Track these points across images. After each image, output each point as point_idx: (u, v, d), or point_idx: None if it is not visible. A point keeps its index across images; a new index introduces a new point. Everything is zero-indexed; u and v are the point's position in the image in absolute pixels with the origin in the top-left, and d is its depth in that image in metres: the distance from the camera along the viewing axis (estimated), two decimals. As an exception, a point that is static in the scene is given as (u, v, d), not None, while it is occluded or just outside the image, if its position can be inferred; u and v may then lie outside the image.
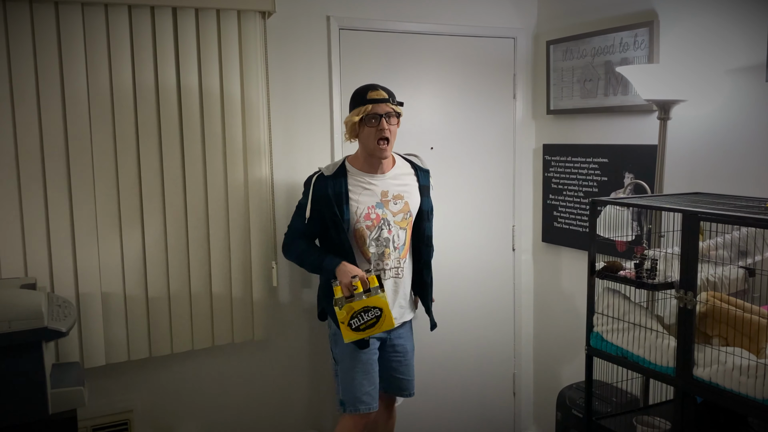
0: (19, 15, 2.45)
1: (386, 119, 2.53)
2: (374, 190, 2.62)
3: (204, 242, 2.81)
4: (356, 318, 2.43)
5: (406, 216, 2.67)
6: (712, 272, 2.20)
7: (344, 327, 2.44)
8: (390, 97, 2.56)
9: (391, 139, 2.56)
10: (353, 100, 2.59)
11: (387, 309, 2.45)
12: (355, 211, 2.58)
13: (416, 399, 3.42)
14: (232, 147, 2.82)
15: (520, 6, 3.49)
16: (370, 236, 2.60)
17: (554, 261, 3.55)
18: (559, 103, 3.36)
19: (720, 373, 1.94)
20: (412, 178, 2.73)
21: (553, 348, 3.61)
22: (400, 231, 2.65)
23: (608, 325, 2.32)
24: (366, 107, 2.51)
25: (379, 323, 2.44)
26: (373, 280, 2.46)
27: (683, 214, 2.04)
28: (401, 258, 2.68)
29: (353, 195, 2.59)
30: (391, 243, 2.63)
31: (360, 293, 2.44)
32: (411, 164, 2.76)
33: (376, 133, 2.53)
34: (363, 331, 2.45)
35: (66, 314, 2.27)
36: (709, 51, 2.61)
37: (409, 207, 2.67)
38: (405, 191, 2.67)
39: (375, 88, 2.57)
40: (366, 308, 2.43)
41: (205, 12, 2.72)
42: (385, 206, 2.62)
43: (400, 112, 2.59)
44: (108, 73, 2.60)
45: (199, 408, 3.00)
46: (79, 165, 2.58)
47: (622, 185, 3.01)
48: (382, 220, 2.61)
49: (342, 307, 2.43)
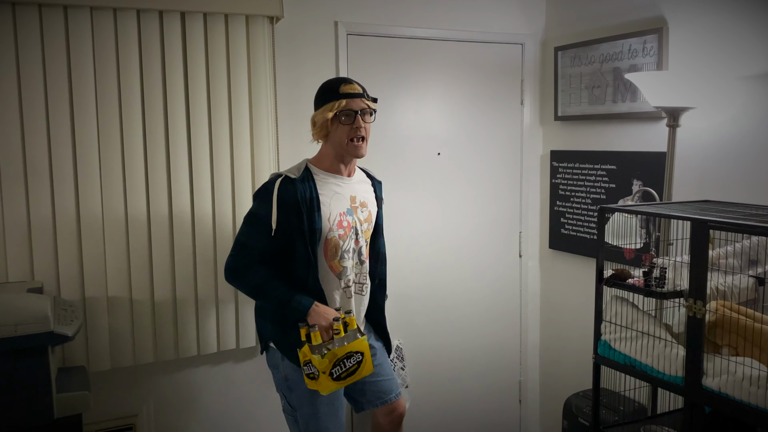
0: (29, 19, 2.45)
1: (362, 116, 2.27)
2: (343, 194, 2.34)
3: (210, 247, 2.80)
4: (338, 366, 2.13)
5: (370, 226, 2.43)
6: (722, 281, 2.18)
7: (324, 377, 2.12)
8: (364, 92, 2.31)
9: (366, 137, 2.31)
10: (322, 95, 2.32)
11: (368, 353, 2.20)
12: (328, 218, 2.27)
13: (421, 406, 3.41)
14: (239, 150, 2.82)
15: (528, 12, 3.49)
16: (342, 247, 2.30)
17: (561, 268, 3.53)
18: (566, 109, 3.35)
19: (730, 383, 1.92)
20: (371, 188, 2.50)
21: (559, 355, 3.59)
22: (365, 242, 2.40)
23: (616, 333, 2.30)
24: (340, 102, 2.24)
25: (360, 369, 2.18)
26: (352, 321, 2.22)
27: (692, 222, 2.02)
28: (366, 274, 2.41)
29: (324, 199, 2.28)
30: (357, 255, 2.36)
31: (341, 338, 2.17)
32: (366, 174, 2.53)
33: (350, 131, 2.26)
34: (344, 380, 2.16)
35: (72, 318, 2.27)
36: (719, 58, 2.59)
37: (372, 216, 2.44)
38: (368, 200, 2.44)
39: (348, 81, 2.30)
40: (349, 354, 2.15)
41: (213, 17, 2.72)
42: (354, 213, 2.36)
43: (375, 108, 2.34)
44: (116, 77, 2.60)
45: (203, 414, 2.99)
46: (86, 168, 2.58)
47: (630, 192, 3.00)
48: (352, 228, 2.34)
49: (324, 355, 2.13)
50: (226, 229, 2.82)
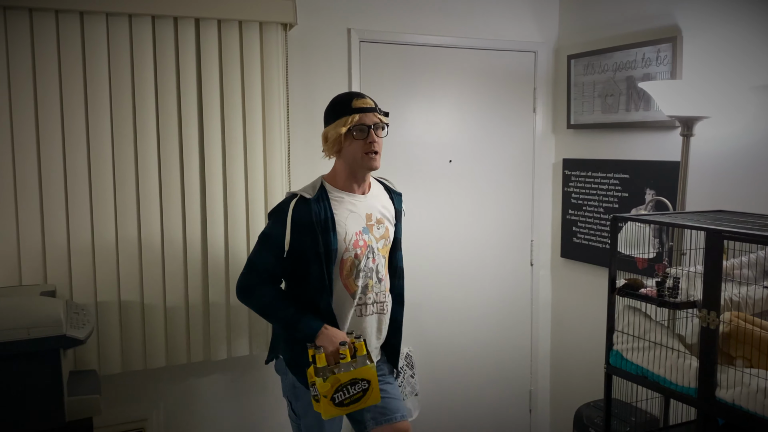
0: (46, 25, 2.48)
1: (374, 130, 2.23)
2: (359, 212, 2.29)
3: (222, 254, 2.81)
4: (341, 392, 2.08)
5: (387, 243, 2.36)
6: (736, 292, 2.16)
7: (325, 402, 2.08)
8: (376, 106, 2.27)
9: (379, 151, 2.26)
10: (333, 110, 2.27)
11: (375, 381, 2.11)
12: (344, 239, 2.23)
13: (431, 414, 3.39)
14: (252, 156, 2.82)
15: (541, 20, 3.48)
16: (358, 266, 2.25)
17: (573, 277, 3.51)
18: (579, 117, 3.34)
19: (744, 395, 1.90)
20: (390, 202, 2.42)
21: (570, 365, 3.57)
22: (382, 260, 2.35)
23: (628, 343, 2.29)
24: (353, 117, 2.20)
25: (365, 397, 2.10)
26: (361, 347, 2.14)
27: (707, 232, 2.00)
28: (386, 291, 2.35)
29: (339, 219, 2.24)
30: (375, 273, 2.30)
31: (347, 363, 2.10)
32: (384, 186, 2.46)
33: (363, 146, 2.22)
34: (347, 407, 2.09)
35: (84, 322, 2.28)
36: (734, 67, 2.58)
37: (389, 233, 2.37)
38: (385, 215, 2.37)
39: (360, 96, 2.26)
40: (353, 381, 2.08)
41: (227, 23, 2.74)
42: (370, 231, 2.30)
43: (388, 122, 2.30)
44: (131, 83, 2.62)
45: (213, 419, 2.99)
46: (100, 173, 2.60)
47: (643, 201, 2.98)
48: (368, 247, 2.28)
49: (327, 379, 2.06)
50: (239, 236, 2.83)
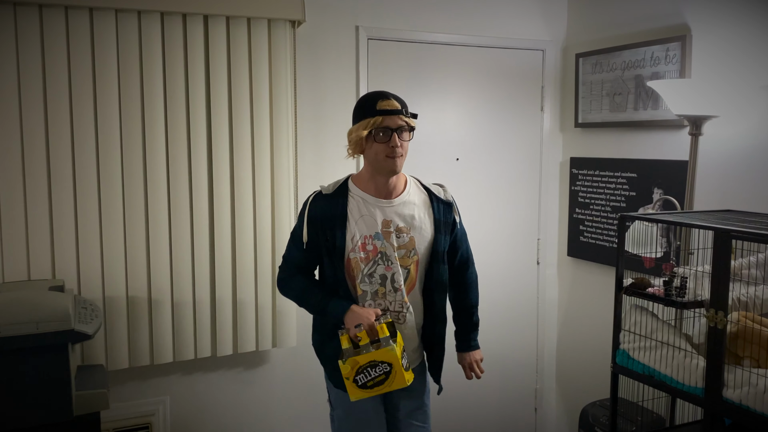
0: (55, 21, 2.49)
1: (398, 134, 2.13)
2: (375, 217, 2.20)
3: (229, 249, 2.82)
4: (362, 374, 2.05)
5: (410, 254, 2.22)
6: (744, 291, 2.15)
7: (349, 383, 2.08)
8: (403, 108, 2.17)
9: (404, 155, 2.19)
10: (359, 110, 2.20)
11: (398, 364, 2.06)
12: (351, 239, 2.19)
13: (437, 412, 3.39)
14: (259, 153, 2.83)
15: (550, 18, 3.48)
16: (362, 271, 2.19)
17: (579, 275, 3.51)
18: (587, 116, 3.33)
19: (751, 396, 1.90)
20: (426, 210, 2.26)
21: (576, 364, 3.56)
22: (403, 270, 2.22)
23: (635, 342, 2.28)
24: (376, 119, 2.12)
25: (389, 380, 2.07)
26: (382, 329, 2.08)
27: (715, 231, 2.00)
28: (404, 302, 2.23)
29: (351, 219, 2.20)
30: (389, 282, 2.20)
31: (366, 344, 2.06)
32: (428, 193, 2.29)
33: (386, 149, 2.13)
34: (371, 389, 2.07)
35: (92, 317, 2.29)
36: (743, 66, 2.56)
37: (415, 244, 2.22)
38: (413, 225, 2.23)
39: (386, 96, 2.16)
40: (373, 363, 2.05)
41: (235, 20, 2.74)
42: (386, 238, 2.20)
43: (414, 125, 2.20)
44: (139, 80, 2.63)
45: (219, 415, 3.01)
46: (108, 170, 2.61)
47: (651, 201, 2.97)
48: (379, 253, 2.19)
49: (346, 361, 2.05)
50: (245, 233, 2.84)
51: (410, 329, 2.26)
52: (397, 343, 2.08)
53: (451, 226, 2.30)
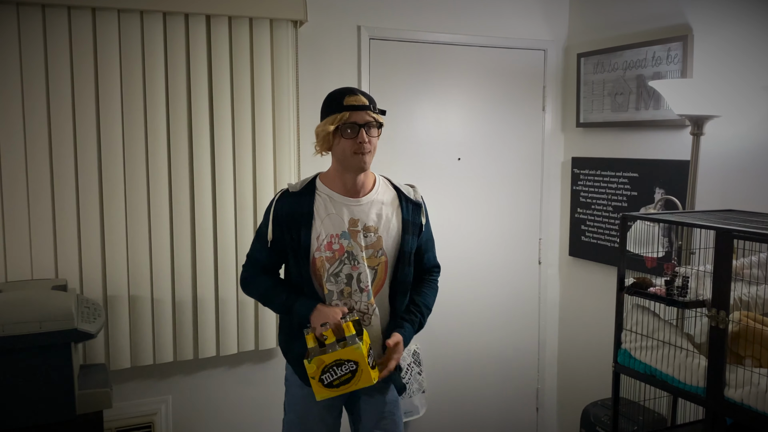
0: (58, 21, 2.50)
1: (366, 130, 2.09)
2: (342, 216, 2.16)
3: (231, 249, 2.83)
4: (328, 373, 2.02)
5: (378, 254, 2.18)
6: (745, 291, 2.16)
7: (315, 383, 2.04)
8: (371, 104, 2.12)
9: (372, 152, 2.14)
10: (326, 106, 2.16)
11: (364, 362, 2.03)
12: (317, 238, 2.14)
13: (437, 412, 3.40)
14: (261, 152, 2.84)
15: (551, 18, 3.48)
16: (328, 270, 2.15)
17: (581, 275, 3.51)
18: (589, 116, 3.34)
19: (752, 395, 1.90)
20: (394, 210, 2.21)
21: (578, 363, 3.57)
22: (369, 270, 2.18)
23: (637, 342, 2.29)
24: (342, 115, 2.08)
25: (355, 379, 2.03)
26: (348, 327, 2.05)
27: (716, 231, 2.00)
28: (369, 303, 2.18)
29: (317, 218, 2.15)
30: (354, 281, 2.16)
31: (332, 343, 2.03)
32: (398, 192, 2.24)
33: (353, 145, 2.09)
34: (337, 388, 2.04)
35: (95, 316, 2.30)
36: (745, 66, 2.57)
37: (382, 244, 2.18)
38: (381, 224, 2.18)
39: (353, 92, 2.12)
40: (338, 362, 2.01)
41: (238, 20, 2.75)
42: (353, 237, 2.15)
43: (382, 121, 2.15)
44: (141, 79, 2.64)
45: (221, 414, 3.01)
46: (110, 169, 2.62)
47: (653, 200, 2.97)
48: (346, 252, 2.15)
49: (311, 360, 2.02)
50: (247, 232, 2.84)
51: (375, 331, 2.20)
52: (363, 341, 2.04)
53: (419, 229, 2.25)
